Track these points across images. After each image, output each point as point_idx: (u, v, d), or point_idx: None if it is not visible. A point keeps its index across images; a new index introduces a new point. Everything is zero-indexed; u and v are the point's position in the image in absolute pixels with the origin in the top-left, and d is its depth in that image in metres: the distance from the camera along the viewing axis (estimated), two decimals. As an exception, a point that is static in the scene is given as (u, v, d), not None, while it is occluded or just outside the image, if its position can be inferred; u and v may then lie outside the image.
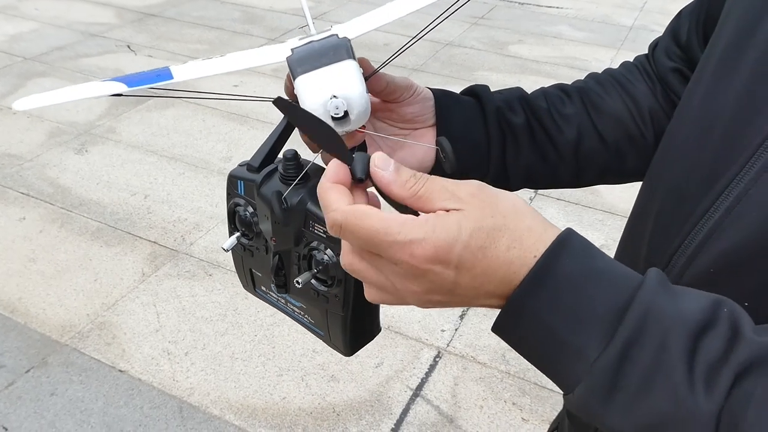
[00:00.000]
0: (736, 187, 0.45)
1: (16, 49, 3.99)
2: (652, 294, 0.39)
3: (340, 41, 0.50)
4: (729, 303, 0.39)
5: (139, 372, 1.94)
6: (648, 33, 4.57)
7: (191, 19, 4.63)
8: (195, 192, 2.77)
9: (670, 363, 0.37)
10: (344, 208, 0.41)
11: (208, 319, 2.14)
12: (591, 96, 0.68)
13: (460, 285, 0.41)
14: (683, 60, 0.66)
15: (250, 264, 0.62)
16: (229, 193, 0.59)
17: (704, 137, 0.51)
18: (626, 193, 2.90)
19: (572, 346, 0.39)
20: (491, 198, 0.41)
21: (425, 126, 0.64)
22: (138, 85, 0.49)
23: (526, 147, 0.66)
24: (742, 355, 0.37)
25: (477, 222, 0.40)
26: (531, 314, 0.40)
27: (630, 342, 0.38)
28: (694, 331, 0.37)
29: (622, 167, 0.69)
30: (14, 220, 2.55)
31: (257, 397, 1.88)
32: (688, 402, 0.36)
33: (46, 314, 2.13)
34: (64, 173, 2.85)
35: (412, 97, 0.62)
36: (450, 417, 1.85)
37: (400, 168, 0.42)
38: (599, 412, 0.40)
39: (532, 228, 0.41)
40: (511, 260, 0.40)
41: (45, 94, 0.51)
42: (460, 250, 0.39)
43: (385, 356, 2.02)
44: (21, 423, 1.78)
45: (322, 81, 0.47)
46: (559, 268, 0.40)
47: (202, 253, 2.42)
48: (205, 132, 3.22)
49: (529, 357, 0.43)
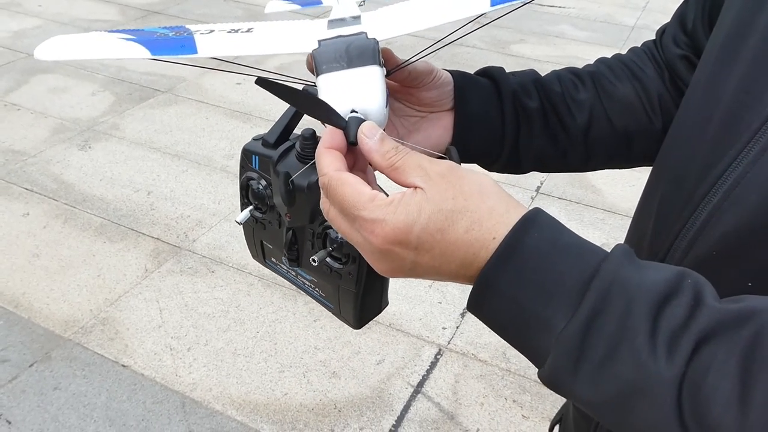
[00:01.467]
0: (734, 171, 0.46)
1: (19, 46, 4.00)
2: (617, 265, 0.39)
3: (368, 43, 0.48)
4: (693, 274, 0.40)
5: (141, 367, 1.95)
6: (650, 33, 4.55)
7: (194, 17, 4.63)
8: (198, 189, 2.78)
9: (633, 331, 0.37)
10: (331, 172, 0.44)
11: (210, 315, 2.15)
12: (603, 82, 0.69)
13: (420, 264, 0.43)
14: (690, 47, 0.66)
15: (261, 236, 0.63)
16: (242, 166, 0.60)
17: (705, 123, 0.51)
18: (627, 192, 2.91)
19: (540, 319, 0.40)
20: (458, 180, 0.42)
21: (442, 110, 0.64)
22: (162, 53, 0.49)
23: (539, 131, 0.66)
24: (703, 321, 0.37)
25: (437, 204, 0.41)
26: (500, 289, 0.41)
27: (595, 311, 0.38)
28: (658, 300, 0.38)
29: (629, 153, 0.70)
30: (18, 216, 2.56)
31: (259, 393, 1.90)
32: (651, 368, 0.37)
33: (49, 309, 2.15)
34: (67, 169, 2.86)
35: (432, 83, 0.62)
36: (451, 414, 1.87)
37: (385, 138, 0.44)
38: (568, 383, 0.40)
39: (494, 209, 0.42)
40: (470, 242, 0.41)
41: (68, 45, 0.50)
42: (419, 231, 0.41)
43: (386, 353, 2.04)
44: (24, 417, 1.79)
45: (345, 88, 0.47)
46: (526, 243, 0.41)
47: (205, 250, 2.43)
48: (208, 129, 3.23)
49: (501, 333, 0.44)
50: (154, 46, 0.49)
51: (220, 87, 3.59)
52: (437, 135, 0.64)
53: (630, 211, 0.63)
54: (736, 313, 0.37)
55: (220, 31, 0.53)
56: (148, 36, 0.51)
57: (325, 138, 0.46)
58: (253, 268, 2.34)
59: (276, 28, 0.54)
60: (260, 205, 0.60)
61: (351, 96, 0.46)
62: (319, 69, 0.48)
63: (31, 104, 3.37)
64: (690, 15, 0.65)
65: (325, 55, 0.48)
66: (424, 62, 0.61)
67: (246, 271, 2.34)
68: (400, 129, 0.63)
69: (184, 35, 0.51)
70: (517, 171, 0.70)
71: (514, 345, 0.44)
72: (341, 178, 0.43)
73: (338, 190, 0.43)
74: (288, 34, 0.53)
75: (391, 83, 0.61)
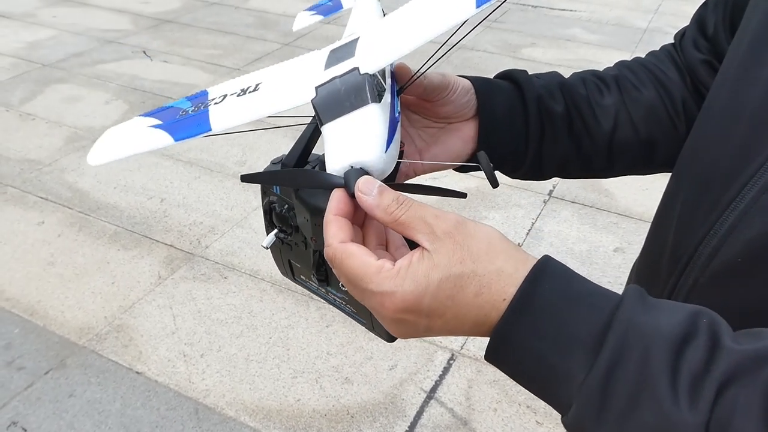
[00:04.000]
0: (762, 177, 0.45)
1: (34, 56, 4.05)
2: (631, 312, 0.39)
3: (360, 81, 0.48)
4: (707, 313, 0.40)
5: (155, 374, 1.96)
6: (662, 36, 4.55)
7: (206, 25, 4.67)
8: (210, 196, 2.79)
9: (654, 378, 0.37)
10: (335, 244, 0.43)
11: (223, 321, 2.16)
12: (627, 87, 0.67)
13: (434, 328, 0.43)
14: (711, 52, 0.65)
15: (289, 256, 0.63)
16: (264, 191, 0.60)
17: (731, 128, 0.50)
18: (641, 196, 2.89)
19: (560, 370, 0.40)
20: (465, 239, 0.42)
21: (462, 120, 0.63)
22: (183, 137, 0.51)
23: (563, 136, 0.65)
24: (724, 364, 0.37)
25: (445, 270, 0.41)
26: (516, 343, 0.41)
27: (613, 362, 0.38)
28: (675, 345, 0.38)
29: (652, 158, 0.69)
30: (33, 224, 2.59)
31: (272, 399, 1.90)
32: (674, 416, 0.36)
33: (64, 317, 2.16)
34: (82, 178, 2.89)
35: (448, 96, 0.61)
36: (464, 420, 1.85)
37: (384, 192, 0.43)
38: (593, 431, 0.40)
39: (503, 270, 0.42)
40: (480, 305, 0.42)
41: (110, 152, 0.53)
42: (429, 301, 0.41)
43: (399, 359, 2.03)
44: (40, 424, 1.80)
45: (341, 140, 0.46)
46: (538, 296, 0.41)
47: (218, 256, 2.44)
48: (220, 136, 3.25)
49: (523, 383, 0.44)
50: (174, 130, 0.51)
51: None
52: (457, 147, 0.63)
53: (643, 215, 0.62)
54: (755, 353, 0.37)
55: (231, 95, 0.54)
56: (171, 117, 0.54)
57: (331, 204, 0.45)
58: (265, 274, 2.35)
59: (280, 78, 0.54)
60: (284, 227, 0.60)
61: (347, 149, 0.46)
62: (321, 120, 0.48)
63: (46, 114, 3.41)
64: (711, 19, 0.64)
65: (323, 104, 0.48)
66: (440, 75, 0.60)
67: (258, 277, 2.34)
68: (418, 141, 0.62)
69: (201, 110, 0.53)
70: (539, 177, 0.69)
71: (537, 395, 0.44)
72: (347, 251, 0.43)
73: (344, 263, 0.43)
74: (290, 86, 0.53)
75: (407, 98, 0.61)
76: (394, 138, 0.47)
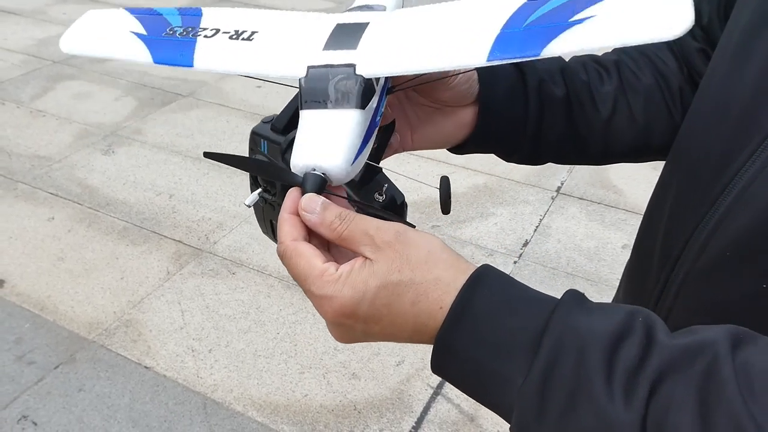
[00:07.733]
0: (748, 171, 0.45)
1: (44, 53, 4.08)
2: (566, 314, 0.39)
3: (351, 83, 0.46)
4: (644, 311, 0.40)
5: (164, 369, 1.98)
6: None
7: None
8: (219, 192, 2.80)
9: (589, 377, 0.37)
10: (287, 242, 0.44)
11: (231, 316, 2.17)
12: (626, 74, 0.67)
13: (372, 334, 0.44)
14: (706, 41, 0.65)
15: (271, 216, 0.63)
16: (251, 149, 0.60)
17: (720, 121, 0.50)
18: (650, 192, 2.86)
19: (501, 376, 0.40)
20: (405, 248, 0.43)
21: (459, 106, 0.62)
22: (162, 61, 0.51)
23: (561, 121, 0.65)
24: (657, 360, 0.37)
25: (383, 278, 0.42)
26: (457, 351, 0.42)
27: (549, 364, 0.38)
28: (610, 343, 0.38)
29: (648, 146, 0.69)
30: (44, 220, 2.61)
31: (279, 394, 1.90)
32: (611, 413, 0.36)
33: (74, 312, 2.18)
34: (91, 174, 2.91)
35: (448, 83, 0.59)
36: (471, 416, 1.86)
37: (327, 208, 0.44)
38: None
39: (440, 279, 0.42)
40: (417, 314, 0.42)
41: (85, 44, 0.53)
42: (366, 307, 0.42)
43: (406, 354, 2.03)
44: (50, 418, 1.82)
45: (313, 136, 0.46)
46: (476, 303, 0.41)
47: (226, 252, 2.45)
48: (229, 132, 3.26)
49: (468, 392, 0.44)
50: (158, 49, 0.51)
51: (240, 90, 3.62)
52: (451, 131, 0.62)
53: (651, 211, 0.62)
54: (687, 348, 0.37)
55: (224, 33, 0.53)
56: (157, 31, 0.53)
57: (286, 203, 0.45)
58: (273, 270, 2.35)
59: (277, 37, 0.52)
60: (269, 187, 0.60)
61: (315, 149, 0.45)
62: (303, 102, 0.47)
63: (56, 110, 3.43)
64: (705, 8, 0.64)
65: (308, 89, 0.47)
66: None
67: (266, 272, 2.35)
68: (412, 118, 0.61)
69: (189, 37, 0.52)
70: (534, 162, 0.69)
71: (482, 403, 0.44)
72: (297, 250, 0.44)
73: (292, 262, 0.44)
74: (283, 52, 0.51)
75: None
76: (366, 146, 0.47)
